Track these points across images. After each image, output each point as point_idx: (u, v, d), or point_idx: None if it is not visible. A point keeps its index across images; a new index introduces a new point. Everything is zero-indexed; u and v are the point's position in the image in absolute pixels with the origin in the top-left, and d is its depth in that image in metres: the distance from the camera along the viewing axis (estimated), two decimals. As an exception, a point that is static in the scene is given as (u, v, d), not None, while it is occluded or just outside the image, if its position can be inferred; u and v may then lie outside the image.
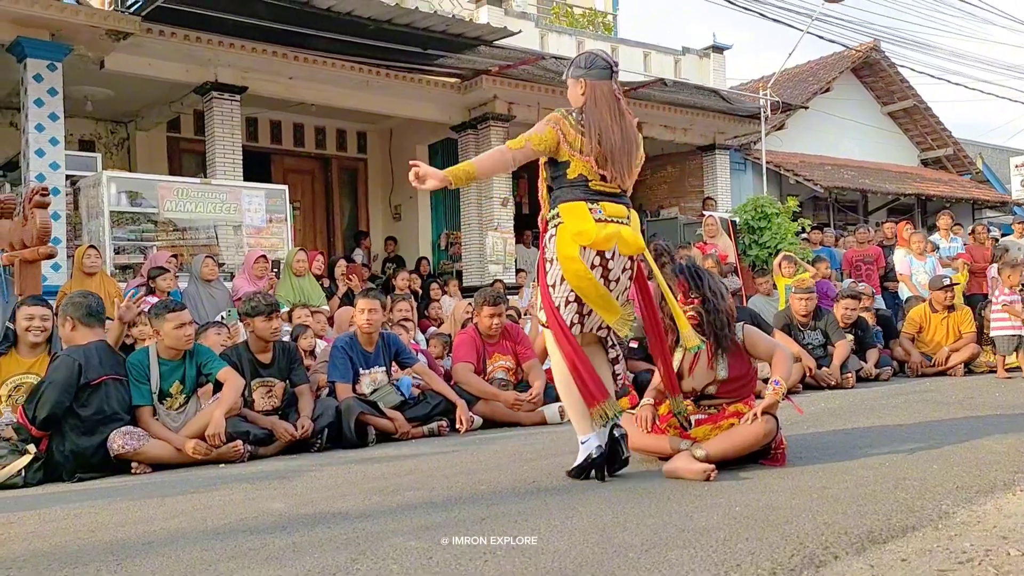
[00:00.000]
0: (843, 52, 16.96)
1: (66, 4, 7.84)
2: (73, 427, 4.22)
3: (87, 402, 4.25)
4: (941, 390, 6.36)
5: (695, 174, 14.35)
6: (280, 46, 9.30)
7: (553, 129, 3.24)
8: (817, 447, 3.84)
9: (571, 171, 3.26)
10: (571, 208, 3.24)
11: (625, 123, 3.30)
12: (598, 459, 3.23)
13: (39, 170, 7.92)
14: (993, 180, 19.46)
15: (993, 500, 2.69)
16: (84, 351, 4.34)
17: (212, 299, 7.41)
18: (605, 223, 3.22)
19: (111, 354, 4.50)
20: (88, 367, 4.27)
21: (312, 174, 13.33)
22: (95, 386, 4.28)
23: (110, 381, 4.35)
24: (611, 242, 3.22)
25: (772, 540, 2.30)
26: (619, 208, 3.29)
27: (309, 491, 3.48)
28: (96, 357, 4.34)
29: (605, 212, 3.24)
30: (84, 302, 4.55)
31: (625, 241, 3.26)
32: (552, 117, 3.29)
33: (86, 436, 4.23)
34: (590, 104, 3.30)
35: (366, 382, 5.37)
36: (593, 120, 3.25)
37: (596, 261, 3.23)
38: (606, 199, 3.27)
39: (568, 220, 3.22)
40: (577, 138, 3.23)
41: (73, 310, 4.50)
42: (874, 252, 10.36)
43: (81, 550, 2.60)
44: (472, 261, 11.68)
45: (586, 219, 3.20)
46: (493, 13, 11.15)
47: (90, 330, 4.48)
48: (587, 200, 3.24)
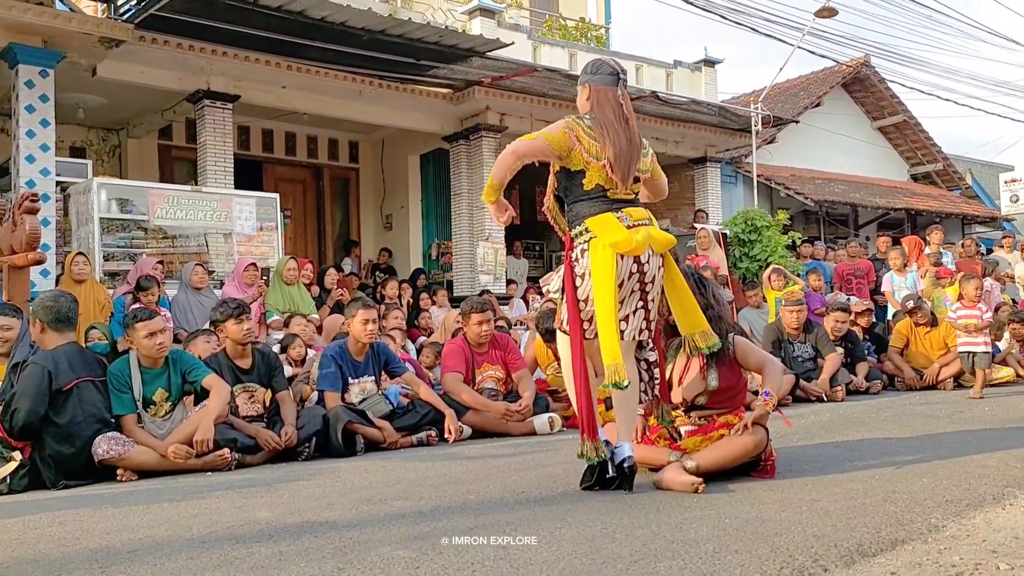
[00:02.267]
0: (834, 67, 17.08)
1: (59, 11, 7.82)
2: (52, 434, 4.18)
3: (62, 408, 4.19)
4: (931, 404, 6.38)
5: (687, 187, 14.39)
6: (273, 55, 9.30)
7: (567, 133, 3.23)
8: (807, 460, 3.84)
9: (587, 181, 3.24)
10: (600, 221, 3.20)
11: (630, 129, 3.29)
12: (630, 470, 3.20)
13: (29, 176, 7.88)
14: (982, 195, 19.60)
15: (982, 514, 2.69)
16: (53, 356, 4.26)
17: (202, 307, 7.37)
18: (636, 228, 3.21)
19: (81, 356, 4.43)
20: (58, 373, 4.20)
21: (304, 183, 13.32)
22: (67, 392, 4.22)
23: (83, 384, 4.29)
24: (645, 245, 3.22)
25: (761, 553, 2.29)
26: (640, 211, 3.30)
27: (296, 500, 3.46)
28: (65, 362, 4.26)
29: (631, 218, 3.23)
30: (54, 306, 4.42)
31: (656, 240, 3.26)
32: (565, 123, 3.27)
33: (66, 442, 4.19)
34: (596, 109, 3.29)
35: (355, 391, 5.35)
36: (602, 123, 3.25)
37: (634, 268, 3.21)
38: (627, 205, 3.28)
39: (601, 233, 3.18)
40: (592, 144, 3.22)
41: (43, 313, 4.40)
42: (865, 266, 10.42)
43: (65, 557, 2.58)
44: (463, 271, 11.67)
45: (619, 229, 3.17)
46: (486, 25, 11.18)
47: (59, 334, 4.39)
48: (611, 210, 3.22)
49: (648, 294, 3.30)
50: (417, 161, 13.24)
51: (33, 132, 7.93)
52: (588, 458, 3.23)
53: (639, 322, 3.32)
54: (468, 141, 11.55)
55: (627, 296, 3.25)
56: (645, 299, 3.29)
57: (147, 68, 9.04)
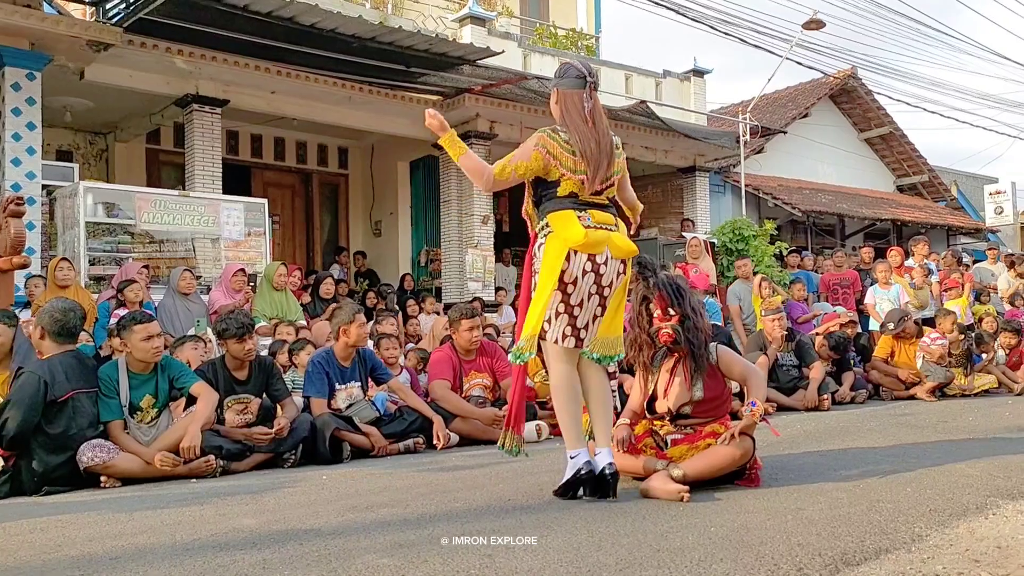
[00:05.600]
0: (821, 79, 17.20)
1: (47, 14, 7.79)
2: (41, 444, 4.13)
3: (55, 419, 4.15)
4: (915, 414, 6.42)
5: (675, 195, 14.45)
6: (262, 60, 9.29)
7: (539, 152, 3.25)
8: (792, 469, 3.85)
9: (561, 189, 3.28)
10: (559, 216, 3.25)
11: (599, 131, 3.30)
12: (585, 476, 3.20)
13: (15, 179, 7.84)
14: (967, 207, 19.75)
15: (966, 523, 2.71)
16: (50, 366, 4.21)
17: (188, 312, 7.34)
18: (595, 229, 3.23)
19: (79, 366, 4.38)
20: (54, 384, 4.15)
21: (292, 188, 13.30)
22: (62, 403, 4.18)
23: (79, 396, 4.25)
24: (602, 246, 3.23)
25: (746, 561, 2.30)
26: (606, 216, 3.32)
27: (281, 507, 3.44)
28: (62, 373, 4.22)
29: (594, 219, 3.26)
30: (62, 320, 4.35)
31: (616, 245, 3.28)
32: (538, 139, 3.28)
33: (55, 454, 4.15)
34: (564, 113, 3.32)
35: (341, 397, 5.34)
36: (571, 130, 3.27)
37: (588, 267, 3.22)
38: (594, 208, 3.29)
39: (557, 228, 3.23)
40: (568, 158, 3.24)
41: (49, 324, 4.35)
42: (851, 276, 10.46)
43: (46, 565, 2.55)
44: (451, 278, 11.66)
45: (575, 225, 3.20)
46: (476, 33, 11.20)
47: (58, 345, 4.35)
48: (575, 209, 3.25)
49: (607, 299, 3.31)
50: (407, 168, 13.23)
51: (19, 135, 7.89)
52: (506, 450, 3.45)
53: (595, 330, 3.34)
54: (458, 148, 11.53)
55: (585, 299, 3.26)
56: (604, 304, 3.31)
57: (135, 72, 9.01)
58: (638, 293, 3.66)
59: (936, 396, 7.69)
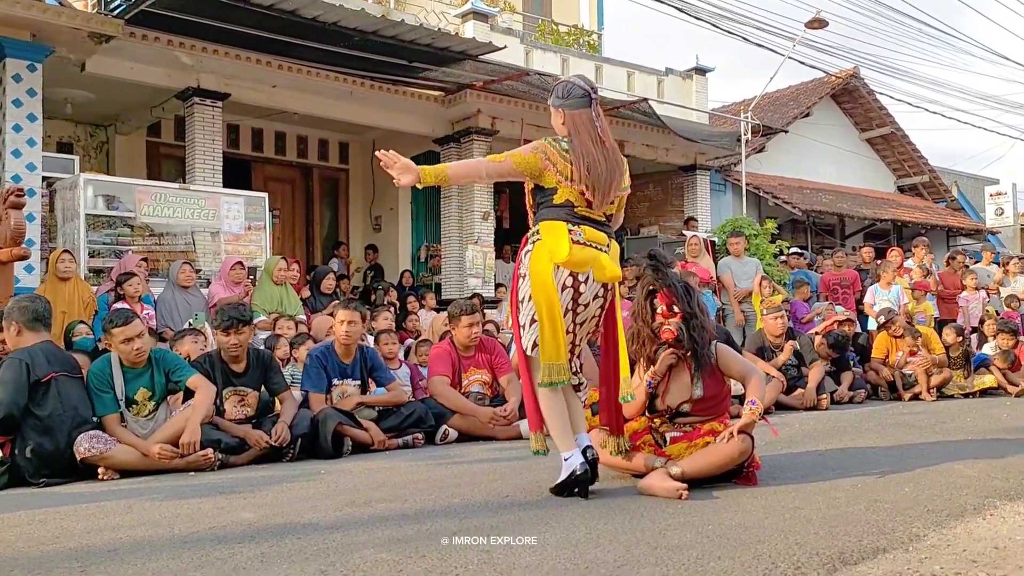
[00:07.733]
0: (823, 78, 17.18)
1: (48, 5, 7.76)
2: (33, 426, 4.16)
3: (41, 401, 4.19)
4: (914, 413, 6.42)
5: (676, 194, 14.44)
6: (264, 54, 9.27)
7: (538, 156, 3.24)
8: (791, 468, 3.86)
9: (558, 197, 3.26)
10: (551, 227, 3.24)
11: (607, 149, 3.29)
12: (581, 476, 3.20)
13: (15, 171, 7.82)
14: (968, 208, 19.75)
15: (963, 524, 2.71)
16: (29, 351, 4.27)
17: (188, 305, 7.34)
18: (583, 246, 3.22)
19: (58, 352, 4.45)
20: (35, 365, 4.21)
21: (293, 183, 13.28)
22: (46, 383, 4.22)
23: (61, 378, 4.29)
24: (586, 265, 3.22)
25: (744, 559, 2.30)
26: (600, 235, 3.28)
27: (279, 501, 3.45)
28: (42, 356, 4.28)
29: (584, 236, 3.23)
30: (31, 307, 4.44)
31: (602, 267, 3.25)
32: (538, 144, 3.28)
33: (47, 436, 4.16)
34: (573, 134, 3.28)
35: (336, 392, 5.33)
36: (579, 150, 3.24)
37: (568, 282, 3.22)
38: (588, 224, 3.27)
39: (546, 237, 3.22)
40: (566, 166, 3.22)
41: (19, 315, 4.40)
42: (851, 276, 10.46)
43: (44, 556, 2.55)
44: (452, 274, 11.66)
45: (563, 238, 3.19)
46: (479, 28, 11.19)
47: (35, 334, 4.39)
48: (569, 222, 3.23)
49: (578, 317, 3.28)
50: (408, 163, 13.20)
51: (20, 127, 7.88)
52: (537, 450, 3.40)
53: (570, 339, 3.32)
54: (459, 144, 11.54)
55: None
56: (575, 323, 3.29)
57: (136, 64, 8.99)
58: (644, 284, 3.64)
59: (935, 395, 7.78)
